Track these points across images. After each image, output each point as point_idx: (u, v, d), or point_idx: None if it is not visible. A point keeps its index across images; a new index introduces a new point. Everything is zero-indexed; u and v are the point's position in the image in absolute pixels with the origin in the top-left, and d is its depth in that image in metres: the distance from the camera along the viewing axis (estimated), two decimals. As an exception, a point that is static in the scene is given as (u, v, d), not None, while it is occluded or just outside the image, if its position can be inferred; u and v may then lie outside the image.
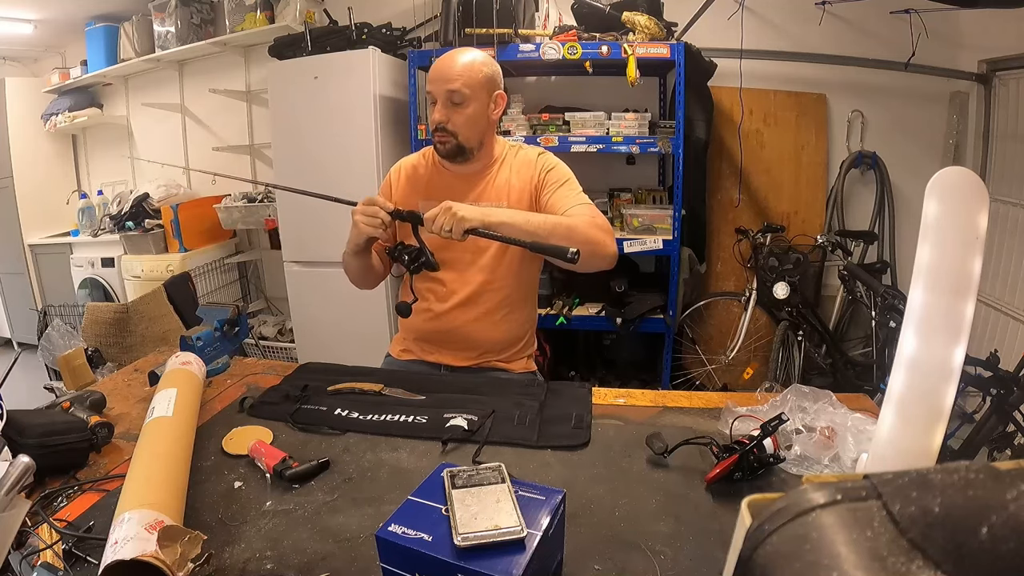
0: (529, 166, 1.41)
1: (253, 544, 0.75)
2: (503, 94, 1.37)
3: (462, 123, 1.33)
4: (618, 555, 0.73)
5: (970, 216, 0.59)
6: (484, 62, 1.35)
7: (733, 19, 2.88)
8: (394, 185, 1.49)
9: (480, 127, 1.35)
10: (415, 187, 1.46)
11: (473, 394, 1.17)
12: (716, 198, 3.09)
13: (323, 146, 2.79)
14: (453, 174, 1.43)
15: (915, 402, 0.59)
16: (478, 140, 1.36)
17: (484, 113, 1.35)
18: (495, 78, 1.36)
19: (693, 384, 3.02)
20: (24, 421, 0.90)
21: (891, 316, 2.42)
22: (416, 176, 1.47)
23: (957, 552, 0.24)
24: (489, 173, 1.42)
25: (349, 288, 1.51)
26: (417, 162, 1.49)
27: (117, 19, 3.58)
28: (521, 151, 1.45)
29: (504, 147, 1.46)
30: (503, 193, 1.39)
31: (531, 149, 1.46)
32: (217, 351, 1.32)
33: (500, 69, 1.39)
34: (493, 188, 1.40)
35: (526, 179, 1.39)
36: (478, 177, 1.42)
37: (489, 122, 1.37)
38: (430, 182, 1.45)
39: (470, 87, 1.31)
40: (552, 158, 1.43)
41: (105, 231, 3.60)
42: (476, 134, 1.35)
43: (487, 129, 1.38)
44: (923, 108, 2.91)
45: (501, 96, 1.37)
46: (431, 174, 1.46)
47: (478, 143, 1.37)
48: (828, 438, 0.90)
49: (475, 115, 1.33)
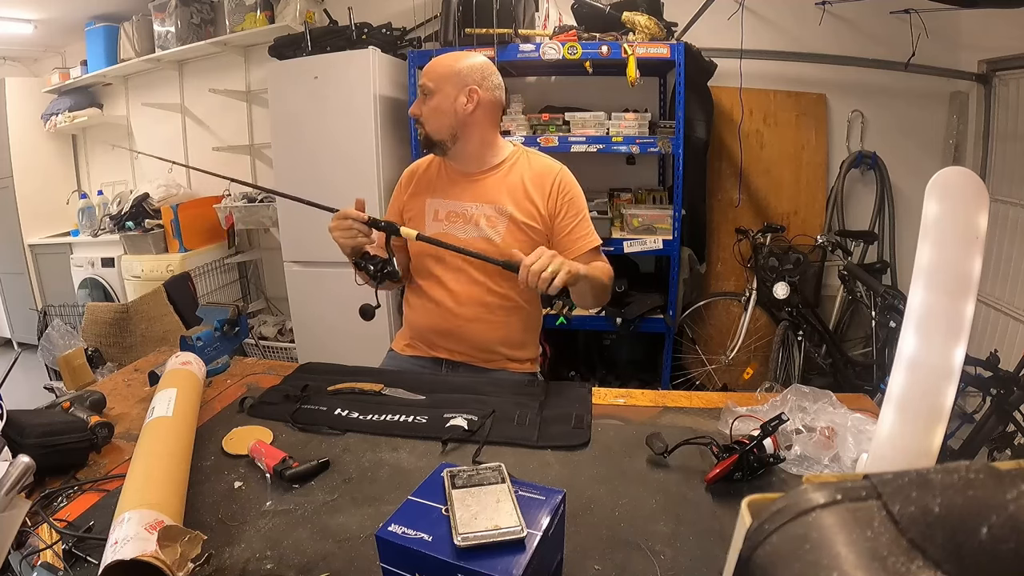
0: (547, 180, 1.41)
1: (253, 544, 0.75)
2: (476, 89, 1.34)
3: (427, 114, 1.37)
4: (618, 555, 0.73)
5: (970, 216, 0.59)
6: (462, 59, 1.37)
7: (733, 19, 2.88)
8: (403, 188, 1.53)
9: (445, 120, 1.36)
10: (422, 186, 1.49)
11: (473, 394, 1.17)
12: (716, 198, 3.09)
13: (323, 146, 2.79)
14: (457, 172, 1.44)
15: (915, 402, 0.59)
16: (448, 133, 1.37)
17: (449, 106, 1.35)
18: (469, 73, 1.35)
19: (693, 384, 3.02)
20: (24, 421, 0.90)
21: (891, 316, 2.42)
22: (425, 176, 1.50)
23: (957, 552, 0.24)
24: (495, 174, 1.42)
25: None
26: (426, 163, 1.52)
27: (117, 19, 3.58)
28: (536, 158, 1.45)
29: (514, 151, 1.46)
30: (509, 195, 1.39)
31: (549, 161, 1.45)
32: (217, 351, 1.32)
33: (488, 69, 1.39)
34: (498, 189, 1.40)
35: (541, 192, 1.40)
36: (481, 176, 1.42)
37: (458, 116, 1.35)
38: (436, 180, 1.47)
39: (434, 80, 1.36)
40: (571, 179, 1.43)
41: (105, 231, 3.60)
42: (442, 126, 1.36)
43: (458, 124, 1.36)
44: (923, 108, 2.91)
45: (473, 91, 1.34)
46: (438, 172, 1.48)
47: (449, 136, 1.37)
48: (828, 438, 0.90)
49: (438, 107, 1.35)
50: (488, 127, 1.41)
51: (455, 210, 1.42)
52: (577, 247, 1.40)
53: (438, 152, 1.43)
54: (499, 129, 1.47)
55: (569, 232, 1.40)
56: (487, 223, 1.39)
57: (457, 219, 1.41)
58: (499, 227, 1.38)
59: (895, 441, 0.60)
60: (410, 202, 1.50)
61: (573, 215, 1.41)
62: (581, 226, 1.41)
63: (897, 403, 0.60)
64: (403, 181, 1.54)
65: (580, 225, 1.41)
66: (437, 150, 1.42)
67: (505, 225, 1.38)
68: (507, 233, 1.38)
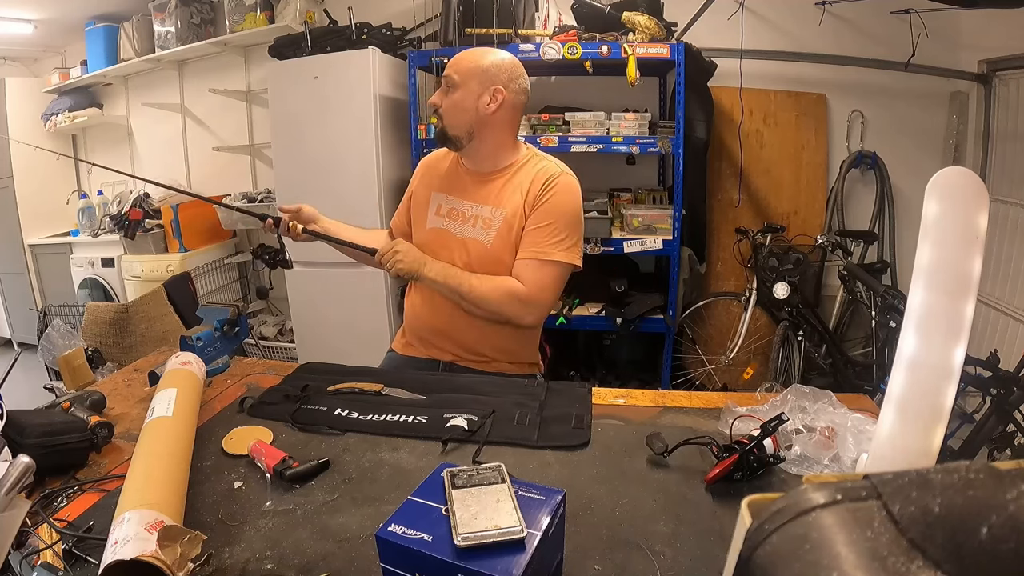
0: (538, 182, 1.35)
1: (253, 544, 0.75)
2: (501, 90, 1.31)
3: (447, 107, 1.35)
4: (618, 555, 0.73)
5: (970, 216, 0.59)
6: (489, 56, 1.34)
7: (733, 19, 2.88)
8: (418, 175, 1.55)
9: (465, 116, 1.33)
10: (434, 178, 1.49)
11: (473, 394, 1.17)
12: (716, 198, 3.09)
13: (323, 146, 2.79)
14: (467, 171, 1.43)
15: (915, 402, 0.59)
16: (465, 130, 1.35)
17: (472, 103, 1.32)
18: (496, 73, 1.33)
19: (693, 384, 3.02)
20: (24, 421, 0.90)
21: (891, 316, 2.42)
22: (438, 168, 1.50)
23: (957, 552, 0.24)
24: (502, 177, 1.40)
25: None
26: (443, 155, 1.51)
27: (117, 19, 3.58)
28: (544, 163, 1.40)
29: (526, 153, 1.43)
30: (509, 198, 1.37)
31: (555, 167, 1.39)
32: (217, 351, 1.32)
33: (517, 70, 1.36)
34: (501, 192, 1.39)
35: (532, 191, 1.35)
36: (489, 179, 1.40)
37: (479, 114, 1.33)
38: (446, 176, 1.47)
39: (460, 73, 1.33)
40: (564, 186, 1.35)
41: (105, 231, 3.60)
42: (461, 122, 1.34)
43: (477, 123, 1.34)
44: (923, 108, 2.91)
45: (498, 91, 1.32)
46: (450, 169, 1.47)
47: (465, 133, 1.35)
48: (828, 438, 0.90)
49: (460, 102, 1.33)
50: (506, 129, 1.39)
51: (456, 208, 1.42)
52: (526, 252, 1.34)
53: (451, 147, 1.40)
54: (517, 132, 1.43)
55: (526, 234, 1.34)
56: (482, 225, 1.38)
57: (456, 217, 1.41)
58: (491, 230, 1.37)
59: (895, 441, 0.60)
60: (419, 191, 1.50)
61: (542, 217, 1.33)
62: (541, 233, 1.33)
63: (897, 403, 0.60)
64: (420, 169, 1.56)
65: (541, 231, 1.33)
66: (451, 145, 1.39)
67: (496, 228, 1.37)
68: (496, 235, 1.36)
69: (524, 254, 1.34)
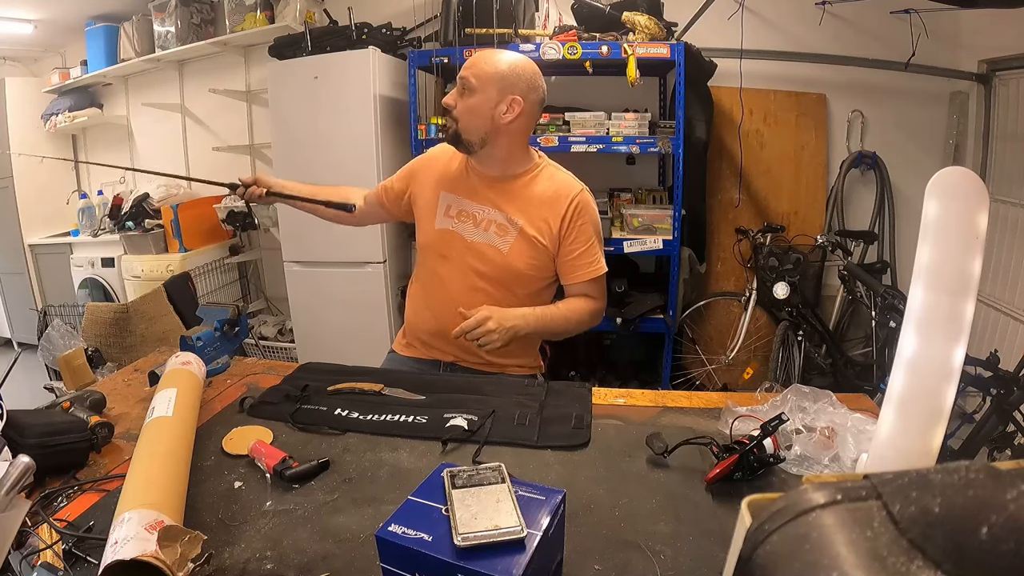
0: (564, 200, 1.37)
1: (253, 544, 0.75)
2: (519, 99, 1.31)
3: (462, 111, 1.33)
4: (618, 555, 0.73)
5: (970, 216, 0.59)
6: (508, 61, 1.32)
7: (733, 19, 2.88)
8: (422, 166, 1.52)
9: (480, 122, 1.32)
10: (441, 178, 1.46)
11: (473, 394, 1.17)
12: (716, 198, 3.09)
13: (323, 146, 2.79)
14: (476, 173, 1.42)
15: (915, 402, 0.59)
16: (479, 136, 1.33)
17: (488, 110, 1.31)
18: (516, 81, 1.31)
19: (693, 384, 3.02)
20: (24, 421, 0.90)
21: (891, 316, 2.42)
22: (446, 168, 1.47)
23: (957, 552, 0.24)
24: (515, 183, 1.40)
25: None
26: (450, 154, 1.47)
27: (117, 19, 3.58)
28: (558, 175, 1.42)
29: (538, 162, 1.43)
30: (523, 207, 1.37)
31: (571, 179, 1.42)
32: (217, 351, 1.32)
33: (536, 79, 1.34)
34: (513, 199, 1.38)
35: (556, 211, 1.37)
36: (500, 183, 1.40)
37: (494, 123, 1.32)
38: (457, 178, 1.44)
39: (478, 78, 1.31)
40: (589, 202, 1.40)
41: (105, 231, 3.60)
42: (475, 128, 1.32)
43: (492, 130, 1.33)
44: (923, 108, 2.91)
45: (516, 101, 1.30)
46: (461, 171, 1.45)
47: (479, 139, 1.33)
48: (828, 438, 0.90)
49: (476, 107, 1.31)
50: (521, 137, 1.38)
51: (467, 209, 1.41)
52: (576, 275, 1.40)
53: (462, 150, 1.38)
54: (529, 137, 1.43)
55: (575, 258, 1.39)
56: (497, 230, 1.38)
57: (467, 219, 1.41)
58: (507, 237, 1.37)
59: (895, 441, 0.60)
60: (425, 188, 1.47)
61: (583, 241, 1.38)
62: (588, 253, 1.39)
63: (897, 403, 0.60)
64: (423, 161, 1.52)
65: (587, 252, 1.39)
66: (462, 148, 1.37)
67: (514, 237, 1.37)
68: (515, 244, 1.37)
69: (583, 274, 1.41)
